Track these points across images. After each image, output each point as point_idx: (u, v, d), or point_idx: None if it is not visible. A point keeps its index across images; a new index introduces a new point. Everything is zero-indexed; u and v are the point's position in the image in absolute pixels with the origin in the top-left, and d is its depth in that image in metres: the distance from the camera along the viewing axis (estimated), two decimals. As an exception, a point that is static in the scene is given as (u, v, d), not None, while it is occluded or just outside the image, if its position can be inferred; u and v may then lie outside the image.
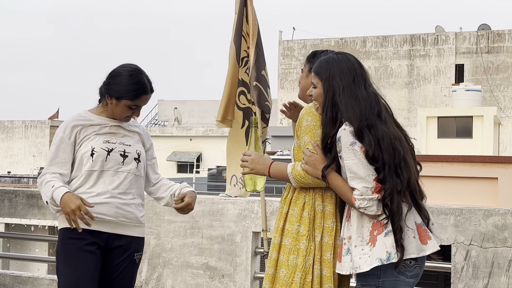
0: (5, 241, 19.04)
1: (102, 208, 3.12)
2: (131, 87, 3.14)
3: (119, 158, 3.17)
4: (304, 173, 2.82)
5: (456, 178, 14.95)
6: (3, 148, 44.78)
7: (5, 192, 5.77)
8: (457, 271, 4.33)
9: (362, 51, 38.16)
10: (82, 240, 3.09)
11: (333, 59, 2.83)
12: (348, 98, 2.73)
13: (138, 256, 3.29)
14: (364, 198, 2.62)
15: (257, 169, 2.96)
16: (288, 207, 2.93)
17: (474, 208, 4.43)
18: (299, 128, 2.89)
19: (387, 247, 2.61)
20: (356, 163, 2.63)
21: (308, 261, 2.82)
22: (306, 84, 3.16)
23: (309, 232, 2.84)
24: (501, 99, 35.71)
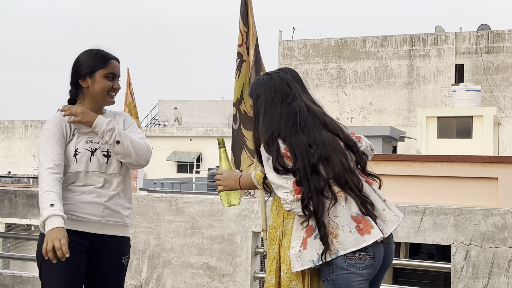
0: (5, 241, 19.05)
1: (88, 208, 3.07)
2: (97, 57, 3.11)
3: (103, 159, 3.11)
4: (261, 173, 3.02)
5: (456, 178, 14.94)
6: (3, 148, 44.77)
7: (5, 192, 5.78)
8: (457, 271, 4.33)
9: (362, 51, 38.15)
10: (72, 239, 2.99)
11: (258, 81, 3.04)
12: (264, 117, 2.92)
13: (125, 260, 3.22)
14: (287, 202, 2.76)
15: (230, 184, 3.13)
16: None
17: (474, 208, 4.43)
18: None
19: (317, 249, 2.75)
20: (273, 175, 2.81)
21: (274, 249, 2.98)
22: None
23: (276, 222, 3.00)
24: (501, 99, 35.71)
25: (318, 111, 2.94)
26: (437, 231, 4.46)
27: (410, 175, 15.22)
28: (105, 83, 3.11)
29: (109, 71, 3.11)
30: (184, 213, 5.10)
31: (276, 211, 3.02)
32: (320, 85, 38.78)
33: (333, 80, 38.48)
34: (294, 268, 2.80)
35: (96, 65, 3.09)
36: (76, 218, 3.06)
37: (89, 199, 3.08)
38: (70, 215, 3.04)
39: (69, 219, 3.03)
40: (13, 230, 19.15)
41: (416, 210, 4.55)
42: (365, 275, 2.77)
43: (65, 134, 3.11)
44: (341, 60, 38.55)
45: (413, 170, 15.22)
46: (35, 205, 5.55)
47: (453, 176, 14.95)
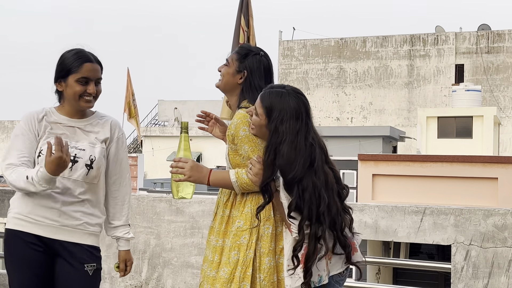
0: (5, 241, 19.03)
1: (43, 212, 2.99)
2: (71, 60, 3.02)
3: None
4: (250, 182, 2.90)
5: (456, 178, 14.95)
6: (3, 148, 44.78)
7: (5, 192, 5.77)
8: (457, 271, 4.33)
9: (362, 51, 38.16)
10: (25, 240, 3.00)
11: (286, 100, 2.89)
12: (289, 149, 2.85)
13: (89, 268, 3.04)
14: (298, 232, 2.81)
15: (195, 177, 2.96)
16: (229, 210, 2.99)
17: (474, 208, 4.43)
18: (236, 137, 2.96)
19: (319, 271, 2.85)
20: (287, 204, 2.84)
21: (249, 255, 2.88)
22: (230, 82, 3.14)
23: (249, 226, 2.91)
24: (501, 99, 35.72)
25: (322, 142, 2.97)
26: (437, 231, 4.46)
27: (410, 175, 15.23)
28: (77, 87, 3.01)
29: (82, 75, 3.00)
30: (184, 213, 5.10)
31: (251, 214, 2.93)
32: (320, 85, 38.79)
33: (333, 80, 38.49)
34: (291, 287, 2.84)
35: (69, 70, 3.01)
36: (31, 220, 3.00)
37: (44, 203, 2.99)
38: (26, 217, 3.00)
39: (25, 221, 3.00)
40: (13, 230, 19.13)
41: (416, 210, 4.55)
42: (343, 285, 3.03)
43: (36, 133, 3.05)
44: (341, 60, 38.56)
45: (413, 170, 15.23)
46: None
47: (453, 176, 14.96)
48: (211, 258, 2.98)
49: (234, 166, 3.03)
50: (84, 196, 3.04)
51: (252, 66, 3.10)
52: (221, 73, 3.16)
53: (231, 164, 3.03)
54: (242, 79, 3.10)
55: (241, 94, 3.11)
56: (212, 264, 2.96)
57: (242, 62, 3.11)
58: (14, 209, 3.06)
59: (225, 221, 2.99)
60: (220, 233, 2.99)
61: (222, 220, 3.01)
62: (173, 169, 2.97)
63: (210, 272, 2.95)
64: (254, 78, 3.09)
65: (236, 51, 3.17)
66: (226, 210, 3.01)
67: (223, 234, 2.98)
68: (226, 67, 3.14)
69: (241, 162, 3.00)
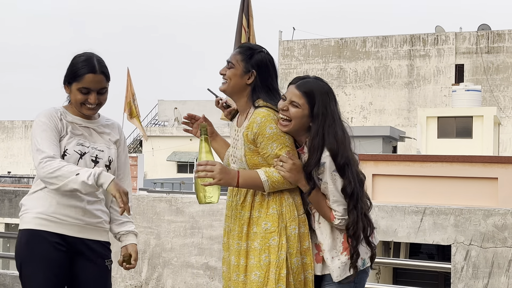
0: (5, 241, 19.06)
1: (68, 211, 3.04)
2: (77, 67, 3.05)
3: (90, 164, 3.07)
4: (282, 180, 2.87)
5: (456, 178, 14.94)
6: (3, 148, 44.77)
7: (5, 192, 5.78)
8: (457, 271, 4.33)
9: (362, 51, 38.15)
10: (50, 240, 3.02)
11: (321, 84, 2.97)
12: (339, 130, 2.92)
13: (108, 263, 3.18)
14: (343, 219, 2.88)
15: (225, 179, 2.84)
16: (249, 211, 2.93)
17: (474, 208, 4.43)
18: (261, 135, 2.90)
19: (361, 254, 2.93)
20: (338, 188, 2.87)
21: (281, 256, 2.84)
22: (239, 83, 3.04)
23: (278, 227, 2.87)
24: (501, 99, 35.71)
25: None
26: (437, 231, 4.46)
27: (410, 175, 15.22)
28: (79, 95, 3.06)
29: (83, 85, 3.04)
30: (184, 213, 5.10)
31: (277, 215, 2.89)
32: (320, 85, 38.75)
33: (333, 80, 38.48)
34: (341, 277, 2.89)
35: (73, 77, 3.06)
36: (56, 220, 3.03)
37: (69, 202, 3.04)
38: (50, 217, 3.02)
39: (50, 221, 3.02)
40: (13, 230, 19.13)
41: (416, 210, 4.55)
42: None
43: (59, 130, 3.07)
44: (341, 60, 38.56)
45: (413, 170, 15.22)
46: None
47: (453, 176, 14.94)
48: (235, 263, 2.92)
49: (251, 167, 2.95)
50: (101, 195, 3.16)
51: (260, 64, 3.03)
52: (227, 76, 3.05)
53: (248, 165, 2.95)
54: (250, 79, 3.02)
55: (253, 94, 3.02)
56: (238, 268, 2.90)
57: (249, 62, 3.02)
58: (35, 209, 3.05)
59: (246, 223, 2.92)
60: (242, 236, 2.92)
61: (242, 222, 2.94)
62: (200, 173, 2.83)
63: (238, 277, 2.89)
64: (264, 76, 3.03)
65: (238, 52, 3.09)
66: (244, 212, 2.95)
67: (246, 237, 2.91)
68: (231, 69, 3.04)
69: (260, 162, 2.94)
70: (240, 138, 3.01)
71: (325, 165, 2.85)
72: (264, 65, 3.05)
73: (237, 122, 3.14)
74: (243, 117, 3.07)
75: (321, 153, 2.85)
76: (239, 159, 2.98)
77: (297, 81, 2.97)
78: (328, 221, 2.92)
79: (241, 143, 2.99)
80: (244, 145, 2.96)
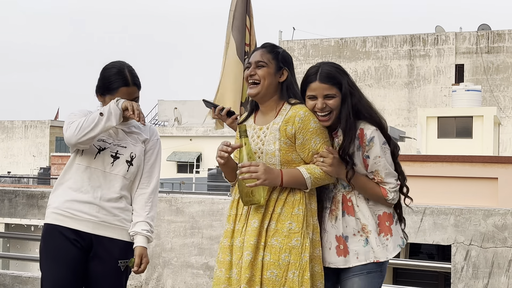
0: (5, 241, 19.02)
1: (82, 207, 3.06)
2: (110, 80, 3.10)
3: (109, 159, 3.10)
4: (324, 175, 2.86)
5: (456, 178, 14.93)
6: (3, 148, 44.76)
7: (5, 192, 5.78)
8: (457, 271, 4.33)
9: (362, 51, 38.14)
10: (65, 235, 3.05)
11: (339, 67, 2.99)
12: (367, 102, 2.97)
13: (122, 264, 3.12)
14: (395, 191, 2.93)
15: (270, 179, 2.81)
16: (273, 207, 2.87)
17: (474, 208, 4.43)
18: (304, 130, 2.87)
19: (400, 234, 2.98)
20: (389, 160, 2.91)
21: (304, 258, 2.81)
22: (273, 82, 2.98)
23: (302, 228, 2.83)
24: (501, 99, 35.70)
25: None
26: (437, 231, 4.46)
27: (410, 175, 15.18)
28: None
29: (117, 98, 3.08)
30: (184, 213, 5.10)
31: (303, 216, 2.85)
32: (320, 85, 38.74)
33: (333, 80, 38.44)
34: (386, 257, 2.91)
35: (106, 89, 3.12)
36: (70, 215, 3.06)
37: (84, 198, 3.07)
38: (65, 212, 3.06)
39: (64, 216, 3.06)
40: (13, 230, 19.09)
41: (416, 210, 4.55)
42: None
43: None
44: (341, 60, 38.54)
45: (413, 170, 15.20)
46: (35, 205, 5.54)
47: (453, 176, 14.93)
48: (251, 258, 2.81)
49: (283, 163, 2.90)
50: (122, 192, 3.14)
51: (288, 61, 3.04)
52: (259, 76, 2.96)
53: (281, 161, 2.89)
54: (283, 77, 2.98)
55: (285, 92, 2.97)
56: (247, 262, 2.80)
57: (279, 60, 2.99)
58: (52, 204, 3.12)
59: (268, 219, 2.86)
60: (262, 233, 2.84)
61: (264, 218, 2.86)
62: (245, 175, 2.80)
63: (246, 272, 2.80)
64: (291, 74, 3.03)
65: (266, 51, 3.01)
66: (268, 208, 2.87)
67: (265, 234, 2.83)
68: (264, 69, 2.96)
69: (293, 159, 2.90)
70: (271, 133, 2.92)
71: (373, 139, 2.86)
72: (290, 62, 3.08)
73: (254, 121, 3.06)
74: (268, 115, 3.00)
75: (355, 131, 2.86)
76: (271, 153, 2.90)
77: (319, 70, 2.94)
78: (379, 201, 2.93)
79: (273, 137, 2.90)
80: (280, 139, 2.89)
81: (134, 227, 3.18)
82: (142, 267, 3.14)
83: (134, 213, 3.19)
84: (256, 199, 2.83)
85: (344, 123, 2.88)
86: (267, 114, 3.01)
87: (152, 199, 3.24)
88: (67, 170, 3.16)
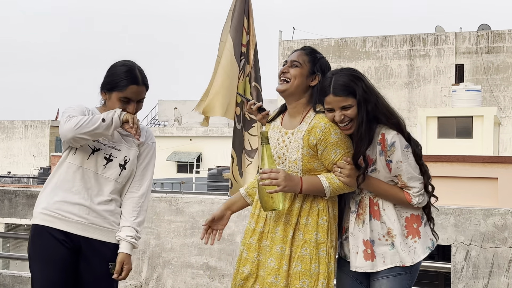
0: (5, 241, 19.04)
1: (72, 208, 3.02)
2: (120, 77, 3.06)
3: (102, 161, 3.06)
4: (343, 185, 2.87)
5: (456, 178, 14.93)
6: (3, 148, 44.77)
7: (5, 192, 5.78)
8: (457, 271, 4.33)
9: (362, 51, 38.14)
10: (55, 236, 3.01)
11: (353, 74, 2.93)
12: (385, 106, 2.95)
13: (112, 266, 3.08)
14: (421, 194, 2.89)
15: (289, 186, 2.84)
16: (297, 217, 2.91)
17: (474, 208, 4.43)
18: (325, 140, 2.87)
19: (429, 235, 2.96)
20: (412, 164, 2.88)
21: (330, 267, 2.90)
22: (304, 84, 3.00)
23: (327, 239, 2.89)
24: (501, 99, 35.70)
25: None
26: (437, 231, 4.45)
27: (410, 175, 15.18)
28: (117, 105, 3.07)
29: (125, 95, 3.06)
30: (184, 213, 5.10)
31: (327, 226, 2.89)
32: (320, 85, 38.73)
33: (333, 80, 38.45)
34: (414, 260, 2.88)
35: (115, 86, 3.07)
36: (59, 216, 3.02)
37: (75, 200, 3.03)
38: (53, 213, 3.02)
39: (53, 217, 3.02)
40: (13, 230, 19.11)
41: (416, 210, 4.54)
42: None
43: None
44: (341, 60, 38.54)
45: (413, 170, 15.18)
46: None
47: (453, 176, 14.93)
48: (275, 266, 2.87)
49: (305, 171, 2.92)
50: (113, 195, 3.10)
51: (324, 69, 3.03)
52: (291, 75, 2.98)
53: (303, 169, 2.92)
54: (314, 82, 2.99)
55: (314, 97, 2.98)
56: (279, 272, 2.86)
57: (315, 64, 3.01)
58: (41, 204, 3.07)
59: (292, 228, 2.90)
60: (287, 241, 2.89)
61: (288, 226, 2.90)
62: (265, 181, 2.83)
63: (276, 280, 2.86)
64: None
65: (304, 53, 3.04)
66: (291, 217, 2.91)
67: (291, 243, 2.89)
68: (297, 69, 2.98)
69: (315, 168, 2.92)
70: (295, 141, 2.94)
71: (394, 144, 2.84)
72: (326, 70, 3.04)
73: (281, 122, 3.08)
74: (295, 119, 3.01)
75: (371, 137, 2.84)
76: (293, 162, 2.93)
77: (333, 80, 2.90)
78: (403, 206, 2.91)
79: (297, 145, 2.92)
80: (303, 149, 2.91)
81: (120, 232, 3.14)
82: (123, 274, 3.09)
83: (122, 217, 3.16)
84: (275, 205, 2.86)
85: (357, 131, 2.86)
86: (294, 118, 3.02)
87: (142, 203, 3.19)
88: (58, 168, 3.11)
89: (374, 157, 2.87)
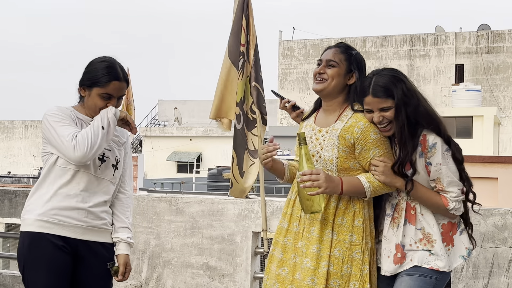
0: (5, 241, 19.05)
1: (70, 213, 2.99)
2: (100, 73, 3.01)
3: (97, 162, 3.04)
4: (382, 185, 2.84)
5: (456, 178, 14.92)
6: (3, 148, 44.78)
7: (5, 192, 5.78)
8: (457, 271, 4.33)
9: (362, 51, 38.14)
10: (54, 243, 2.97)
11: (394, 75, 2.87)
12: (426, 108, 2.87)
13: (110, 265, 3.10)
14: (458, 200, 2.85)
15: (331, 187, 2.78)
16: (333, 217, 2.87)
17: (474, 208, 4.42)
18: (364, 140, 2.84)
19: (465, 244, 2.93)
20: (452, 168, 2.85)
21: (365, 270, 2.85)
22: (341, 83, 2.94)
23: (362, 241, 2.86)
24: (501, 99, 35.71)
25: None
26: (437, 231, 4.46)
27: (410, 175, 15.18)
28: (98, 101, 3.03)
29: (106, 91, 3.02)
30: (184, 213, 5.10)
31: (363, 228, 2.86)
32: (320, 85, 38.74)
33: (333, 80, 38.46)
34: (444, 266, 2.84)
35: (96, 82, 3.01)
36: (58, 222, 2.98)
37: (72, 204, 3.00)
38: (52, 219, 2.98)
39: (52, 223, 2.98)
40: (13, 230, 19.12)
41: (416, 210, 4.54)
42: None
43: (73, 119, 3.03)
44: (341, 60, 38.54)
45: (413, 170, 15.18)
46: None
47: (453, 176, 14.92)
48: (311, 266, 2.83)
49: (340, 170, 2.89)
50: (107, 195, 3.11)
51: (360, 66, 2.96)
52: (328, 75, 2.92)
53: (338, 168, 2.88)
54: (352, 80, 2.93)
55: (351, 96, 2.93)
56: (315, 273, 2.83)
57: (351, 62, 2.94)
58: (36, 211, 3.00)
59: (329, 228, 2.86)
60: (323, 241, 2.86)
61: (324, 226, 2.86)
62: (306, 183, 2.76)
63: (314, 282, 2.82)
64: (361, 79, 2.94)
65: (340, 51, 2.97)
66: (326, 216, 2.87)
67: (327, 243, 2.86)
68: (334, 68, 2.92)
69: (351, 167, 2.88)
70: (330, 138, 2.90)
71: (436, 145, 2.81)
72: (363, 67, 2.99)
73: (314, 120, 3.03)
74: (331, 116, 2.97)
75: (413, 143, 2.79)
76: (328, 160, 2.89)
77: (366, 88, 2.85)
78: (439, 211, 2.86)
79: (332, 143, 2.89)
80: (339, 147, 2.87)
81: (117, 233, 3.13)
82: (126, 275, 3.11)
83: (115, 217, 3.15)
84: (316, 207, 2.81)
85: (399, 137, 2.81)
86: (329, 115, 2.97)
87: (131, 203, 3.23)
88: (48, 172, 3.04)
89: (414, 158, 2.83)
